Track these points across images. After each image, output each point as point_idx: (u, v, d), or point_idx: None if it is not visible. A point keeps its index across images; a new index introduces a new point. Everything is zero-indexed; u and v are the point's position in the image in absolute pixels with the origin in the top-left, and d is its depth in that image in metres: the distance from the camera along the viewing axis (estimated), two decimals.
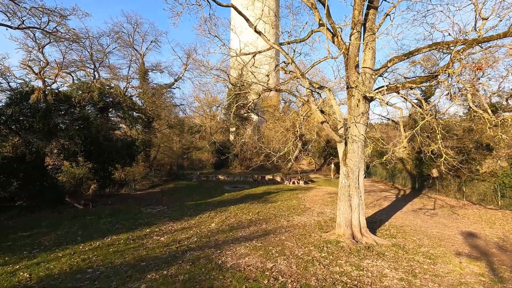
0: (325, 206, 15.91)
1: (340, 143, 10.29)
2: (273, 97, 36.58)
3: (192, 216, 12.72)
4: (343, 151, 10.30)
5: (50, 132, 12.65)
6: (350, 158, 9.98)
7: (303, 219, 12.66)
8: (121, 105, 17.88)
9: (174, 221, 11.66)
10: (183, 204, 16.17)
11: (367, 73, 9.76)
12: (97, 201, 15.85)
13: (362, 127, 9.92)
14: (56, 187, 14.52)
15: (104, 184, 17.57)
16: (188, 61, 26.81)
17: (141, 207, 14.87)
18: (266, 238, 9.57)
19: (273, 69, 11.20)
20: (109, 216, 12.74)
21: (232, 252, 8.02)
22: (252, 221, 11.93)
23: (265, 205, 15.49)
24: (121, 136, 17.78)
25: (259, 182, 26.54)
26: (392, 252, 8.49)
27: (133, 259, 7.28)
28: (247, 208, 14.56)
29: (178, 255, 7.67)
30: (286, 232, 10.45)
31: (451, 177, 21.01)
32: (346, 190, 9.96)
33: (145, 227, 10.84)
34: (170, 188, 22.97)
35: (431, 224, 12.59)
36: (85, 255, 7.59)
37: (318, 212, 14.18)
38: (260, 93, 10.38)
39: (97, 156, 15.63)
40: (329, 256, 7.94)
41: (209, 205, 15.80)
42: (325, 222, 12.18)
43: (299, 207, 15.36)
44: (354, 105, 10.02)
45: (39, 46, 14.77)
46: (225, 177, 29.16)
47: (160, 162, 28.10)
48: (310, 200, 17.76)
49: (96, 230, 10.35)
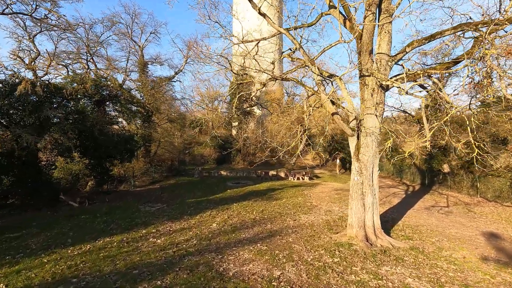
0: (332, 203, 15.11)
1: (352, 136, 9.43)
2: (276, 91, 35.63)
3: (193, 215, 11.98)
4: (355, 145, 9.45)
5: (42, 126, 11.93)
6: (363, 153, 9.13)
7: (310, 218, 11.88)
8: (118, 98, 17.09)
9: (173, 221, 10.92)
10: (184, 201, 15.44)
11: (382, 60, 8.86)
12: (94, 199, 15.18)
13: (376, 119, 9.06)
14: (51, 184, 13.83)
15: (102, 180, 16.89)
16: (188, 53, 25.86)
17: (139, 205, 14.16)
18: (272, 240, 8.80)
19: (279, 56, 10.31)
20: (105, 215, 12.04)
21: (235, 257, 7.25)
22: (256, 221, 11.17)
23: (270, 203, 14.72)
24: (118, 130, 17.02)
25: (263, 178, 25.78)
26: (411, 257, 7.68)
27: (124, 266, 6.54)
28: (251, 206, 13.80)
29: (175, 261, 6.92)
30: (293, 233, 9.67)
31: (464, 172, 20.10)
32: (358, 187, 9.13)
33: (141, 227, 10.12)
34: (171, 184, 22.27)
35: (447, 223, 11.75)
36: (72, 261, 6.87)
37: (326, 210, 13.40)
38: (265, 83, 9.51)
39: (93, 152, 14.91)
40: (343, 262, 7.16)
41: (211, 202, 15.06)
42: (334, 222, 11.39)
43: (305, 204, 14.57)
44: (367, 95, 9.14)
45: (29, 35, 13.96)
46: (227, 172, 28.43)
47: (161, 157, 27.39)
48: (317, 197, 16.96)
49: (89, 231, 9.64)
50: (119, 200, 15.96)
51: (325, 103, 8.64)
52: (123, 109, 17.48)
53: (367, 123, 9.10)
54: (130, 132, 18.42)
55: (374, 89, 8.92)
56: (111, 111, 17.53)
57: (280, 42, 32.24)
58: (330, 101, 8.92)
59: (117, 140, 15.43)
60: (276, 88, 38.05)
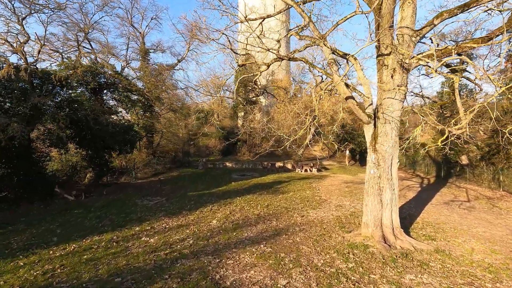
0: (343, 197, 14.09)
1: (368, 124, 8.34)
2: (283, 79, 34.30)
3: (192, 210, 11.14)
4: (372, 134, 8.36)
5: (32, 116, 11.18)
6: (381, 142, 8.04)
7: (319, 214, 10.91)
8: (116, 86, 16.22)
9: (170, 217, 10.10)
10: (185, 194, 14.64)
11: (405, 35, 7.65)
12: (92, 192, 14.51)
13: (397, 104, 7.93)
14: (45, 176, 13.16)
15: (101, 172, 16.20)
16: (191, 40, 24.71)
17: (137, 199, 13.41)
18: (277, 240, 7.88)
19: (285, 34, 9.17)
20: (100, 209, 11.31)
21: (234, 261, 6.36)
22: (261, 217, 10.27)
23: (276, 197, 13.79)
24: (116, 120, 16.20)
25: (269, 170, 24.84)
26: (438, 262, 6.66)
27: (107, 272, 5.71)
28: (255, 200, 12.90)
29: (165, 265, 6.06)
30: (300, 231, 8.73)
31: (485, 164, 18.75)
32: (375, 182, 8.08)
33: (135, 223, 9.31)
34: (174, 176, 21.54)
35: (472, 220, 10.64)
36: (51, 265, 6.08)
37: (336, 205, 12.40)
38: (270, 63, 8.41)
39: (90, 143, 14.15)
40: (358, 268, 6.19)
41: (213, 196, 14.22)
42: (345, 218, 10.40)
43: (313, 198, 13.60)
44: (387, 76, 7.99)
45: (18, 18, 13.08)
46: (232, 164, 27.59)
47: (164, 148, 26.67)
48: (326, 190, 15.96)
49: (79, 228, 8.88)
50: (118, 193, 15.27)
51: (339, 85, 7.53)
52: (121, 98, 16.63)
53: (386, 109, 7.98)
54: (129, 122, 17.60)
55: (395, 69, 7.75)
56: (109, 100, 16.73)
57: (287, 19, 30.60)
58: (344, 83, 7.80)
59: (115, 131, 14.62)
60: (283, 76, 36.71)
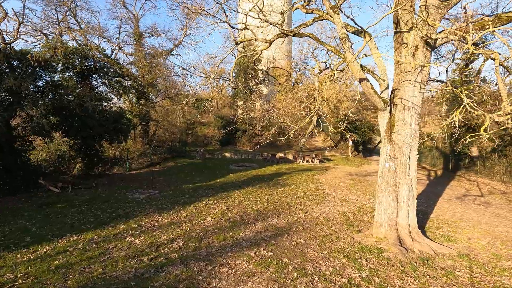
0: (348, 191, 13.20)
1: (383, 111, 7.32)
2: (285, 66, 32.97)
3: (186, 204, 10.23)
4: (387, 122, 7.36)
5: (9, 101, 10.14)
6: (398, 132, 7.05)
7: (324, 210, 10.02)
8: (106, 71, 15.08)
9: (160, 213, 9.18)
10: (179, 187, 13.74)
11: (430, 6, 6.53)
12: (80, 183, 13.58)
13: (418, 88, 6.89)
14: (28, 167, 12.21)
15: (90, 163, 15.24)
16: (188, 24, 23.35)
17: (128, 192, 12.50)
18: (279, 241, 6.98)
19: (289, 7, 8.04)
20: (85, 203, 10.40)
21: (229, 269, 5.46)
22: (260, 213, 9.37)
23: (276, 190, 12.89)
24: (107, 107, 15.12)
25: (269, 161, 23.92)
26: (464, 270, 5.76)
27: (77, 283, 4.81)
28: (255, 194, 12.00)
29: (148, 274, 5.16)
30: (304, 230, 7.83)
31: (497, 156, 17.79)
32: (391, 176, 7.12)
33: (121, 221, 8.40)
34: (170, 167, 20.62)
35: (490, 218, 9.76)
36: (13, 273, 5.17)
37: (342, 200, 11.51)
38: (272, 40, 7.31)
39: (77, 131, 13.14)
40: (374, 278, 5.29)
41: (210, 188, 13.31)
42: (353, 215, 9.51)
43: (317, 192, 12.70)
44: (406, 56, 6.91)
45: None
46: (231, 154, 26.66)
47: (160, 138, 25.67)
48: (330, 183, 15.05)
49: (58, 226, 7.98)
50: (108, 185, 14.36)
51: (352, 65, 6.47)
52: (112, 83, 15.51)
53: (405, 94, 6.95)
54: (122, 109, 16.54)
55: (417, 46, 6.68)
56: (99, 86, 15.63)
57: None
58: (357, 63, 6.73)
59: (104, 118, 13.59)
60: (284, 63, 35.37)
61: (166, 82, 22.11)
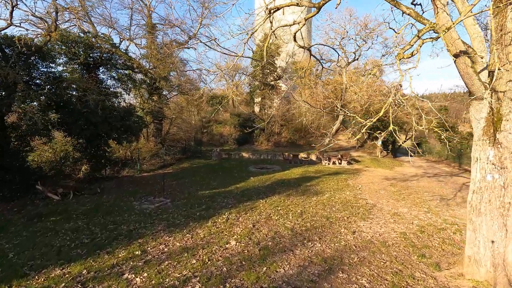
0: (395, 201, 10.99)
1: (480, 100, 5.15)
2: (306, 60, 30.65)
3: (202, 219, 8.37)
4: (486, 116, 5.18)
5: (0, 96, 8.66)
6: (509, 130, 4.86)
7: (375, 229, 7.91)
8: (113, 63, 13.51)
9: (172, 231, 7.36)
10: (195, 194, 11.95)
11: None
12: (84, 188, 12.03)
13: None
14: (25, 170, 10.74)
15: (97, 165, 13.72)
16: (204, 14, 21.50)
17: (136, 200, 10.81)
18: (333, 284, 4.97)
19: None
20: (83, 216, 8.74)
21: None
22: (296, 233, 7.38)
23: (309, 199, 10.85)
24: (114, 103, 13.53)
25: (291, 162, 21.83)
26: None
27: None
28: (284, 205, 10.01)
29: None
30: (361, 263, 5.78)
31: None
32: (496, 194, 4.95)
33: (122, 243, 6.63)
34: (184, 168, 18.95)
35: None
36: None
37: (392, 214, 9.34)
38: (323, 3, 5.25)
39: (80, 130, 11.60)
40: None
41: (229, 196, 11.44)
42: (416, 237, 7.36)
43: (358, 203, 10.57)
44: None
45: None
46: (249, 154, 24.75)
47: (174, 137, 24.10)
48: (368, 190, 12.85)
49: (42, 251, 6.29)
50: (116, 189, 12.78)
51: (445, 35, 4.34)
52: (119, 76, 13.93)
53: None
54: (131, 106, 14.96)
55: None
56: (106, 80, 14.12)
57: None
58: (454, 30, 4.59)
59: (110, 115, 11.99)
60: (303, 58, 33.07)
61: (180, 76, 20.39)
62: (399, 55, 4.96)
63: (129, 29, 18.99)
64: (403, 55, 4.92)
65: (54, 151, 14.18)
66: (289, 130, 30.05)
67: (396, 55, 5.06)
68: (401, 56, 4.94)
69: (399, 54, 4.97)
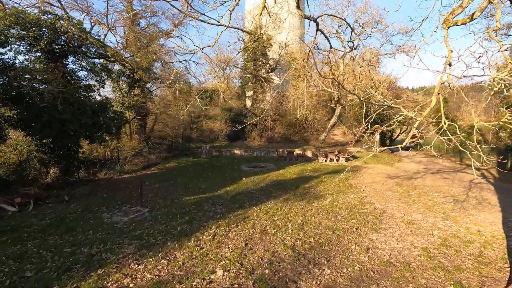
0: (405, 205, 9.72)
1: None
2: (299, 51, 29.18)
3: (184, 236, 6.89)
4: None
5: None
6: None
7: (392, 244, 6.59)
8: (82, 50, 11.76)
9: (143, 256, 5.86)
10: (178, 200, 10.45)
11: None
12: (48, 197, 10.39)
13: None
14: None
15: (66, 167, 12.03)
16: None
17: (107, 210, 9.24)
18: None
19: None
20: (38, 234, 7.16)
21: None
22: (299, 254, 5.98)
23: (309, 205, 9.47)
24: (84, 97, 11.77)
25: (286, 159, 20.46)
26: None
27: None
28: (281, 213, 8.61)
29: None
30: None
31: None
32: None
33: (76, 277, 5.11)
34: (170, 168, 17.36)
35: None
36: None
37: (406, 222, 8.06)
38: None
39: (42, 128, 9.92)
40: None
41: (219, 201, 9.98)
42: (443, 255, 6.06)
43: (365, 208, 9.26)
44: None
45: None
46: (241, 151, 23.26)
47: (159, 134, 22.42)
48: (373, 191, 11.57)
49: None
50: (88, 196, 11.16)
51: None
52: (89, 65, 12.17)
53: None
54: (107, 100, 13.24)
55: None
56: (78, 71, 12.32)
57: None
58: None
59: (79, 111, 10.32)
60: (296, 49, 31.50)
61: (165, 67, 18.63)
62: (446, 21, 3.53)
63: (106, 15, 17.08)
64: (453, 22, 3.49)
65: (19, 152, 12.42)
66: (283, 125, 28.62)
67: (442, 22, 3.63)
68: (449, 22, 3.51)
69: (446, 21, 3.53)
